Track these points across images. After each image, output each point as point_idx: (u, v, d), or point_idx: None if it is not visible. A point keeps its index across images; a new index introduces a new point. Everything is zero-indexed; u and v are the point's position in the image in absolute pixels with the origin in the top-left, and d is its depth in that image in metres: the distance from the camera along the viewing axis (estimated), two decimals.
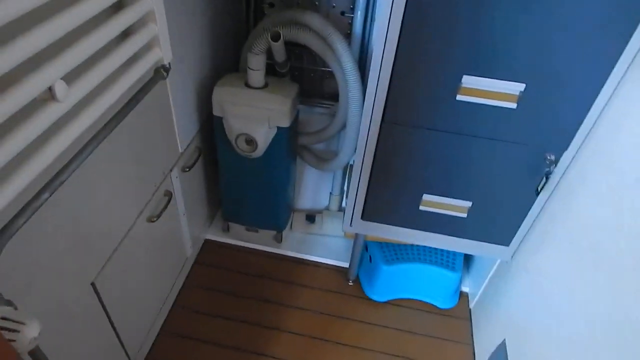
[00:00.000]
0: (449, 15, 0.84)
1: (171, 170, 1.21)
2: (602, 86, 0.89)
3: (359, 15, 1.40)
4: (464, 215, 1.16)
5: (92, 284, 0.92)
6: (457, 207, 1.14)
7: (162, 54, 0.89)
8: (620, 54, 0.84)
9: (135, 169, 1.02)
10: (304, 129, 1.65)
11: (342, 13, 1.52)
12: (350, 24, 1.50)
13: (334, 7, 1.51)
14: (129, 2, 0.80)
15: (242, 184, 1.45)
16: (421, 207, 1.17)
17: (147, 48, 0.86)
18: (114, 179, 0.93)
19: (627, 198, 0.79)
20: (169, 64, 0.94)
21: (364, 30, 1.43)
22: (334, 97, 1.47)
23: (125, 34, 0.81)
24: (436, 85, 0.94)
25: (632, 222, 0.76)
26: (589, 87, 0.89)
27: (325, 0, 1.50)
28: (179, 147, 1.24)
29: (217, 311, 1.43)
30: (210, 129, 1.39)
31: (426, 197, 1.14)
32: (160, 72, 0.91)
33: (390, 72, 0.94)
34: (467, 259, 1.63)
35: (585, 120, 0.94)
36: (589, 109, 0.92)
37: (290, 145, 1.38)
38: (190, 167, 1.30)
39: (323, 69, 1.54)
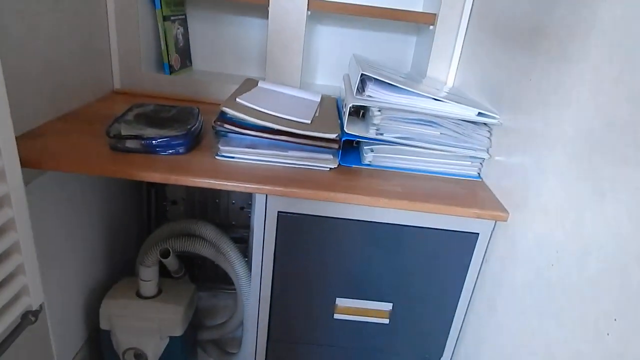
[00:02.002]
0: (314, 253, 0.94)
1: None
2: (458, 300, 0.99)
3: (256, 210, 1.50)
4: None
5: None
6: None
7: (31, 300, 0.87)
8: (467, 270, 0.97)
9: None
10: (207, 320, 1.61)
11: (242, 208, 1.63)
12: (250, 217, 1.60)
13: (233, 203, 1.62)
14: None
15: None
16: None
17: (13, 300, 0.84)
18: None
19: None
20: (41, 305, 0.91)
21: None
22: None
23: None
24: (314, 307, 0.99)
25: None
26: (448, 301, 1.00)
27: (225, 196, 1.62)
28: None
29: None
30: (98, 339, 1.31)
31: None
32: (27, 317, 0.88)
33: (270, 292, 0.99)
34: None
35: (452, 329, 1.02)
36: (452, 320, 1.01)
37: (184, 351, 1.33)
38: None
39: None
